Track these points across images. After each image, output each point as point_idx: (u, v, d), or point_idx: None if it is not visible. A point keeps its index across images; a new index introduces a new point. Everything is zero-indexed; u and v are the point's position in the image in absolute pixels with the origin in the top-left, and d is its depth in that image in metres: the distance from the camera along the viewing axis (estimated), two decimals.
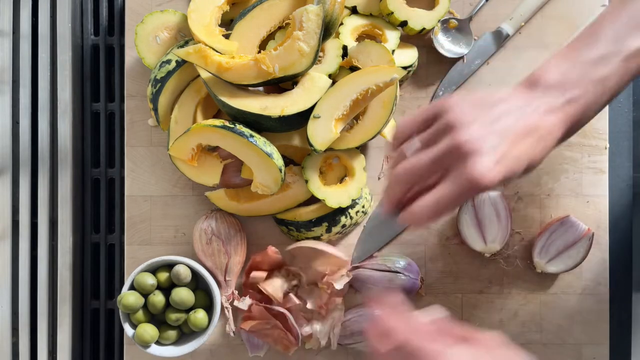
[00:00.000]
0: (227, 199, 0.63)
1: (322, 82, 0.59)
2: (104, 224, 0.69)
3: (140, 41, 0.63)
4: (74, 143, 0.67)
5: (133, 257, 0.66)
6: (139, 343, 0.60)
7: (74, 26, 0.67)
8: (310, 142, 0.59)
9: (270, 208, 0.63)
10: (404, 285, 0.63)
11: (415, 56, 0.64)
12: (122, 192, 0.68)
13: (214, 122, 0.58)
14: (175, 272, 0.61)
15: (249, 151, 0.58)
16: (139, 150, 0.66)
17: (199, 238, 0.63)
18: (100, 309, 0.69)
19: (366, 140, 0.60)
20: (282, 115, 0.57)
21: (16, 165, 0.66)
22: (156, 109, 0.62)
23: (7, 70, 0.66)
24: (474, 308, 0.66)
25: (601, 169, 0.66)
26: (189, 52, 0.57)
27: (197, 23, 0.59)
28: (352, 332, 0.63)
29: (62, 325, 0.66)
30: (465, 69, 0.66)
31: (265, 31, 0.60)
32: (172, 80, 0.61)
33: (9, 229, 0.66)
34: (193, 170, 0.62)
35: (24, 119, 0.66)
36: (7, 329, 0.66)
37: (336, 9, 0.58)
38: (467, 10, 0.66)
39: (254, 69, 0.57)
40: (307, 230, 0.63)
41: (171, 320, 0.61)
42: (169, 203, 0.66)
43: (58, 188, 0.66)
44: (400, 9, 0.62)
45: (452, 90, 0.66)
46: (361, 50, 0.60)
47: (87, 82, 0.69)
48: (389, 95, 0.59)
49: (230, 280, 0.64)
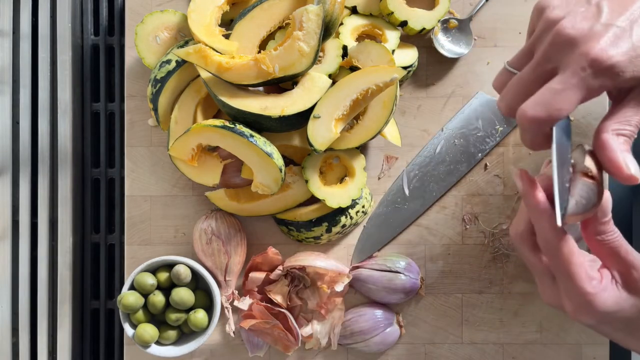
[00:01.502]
0: (227, 199, 0.63)
1: (322, 82, 0.59)
2: (104, 224, 0.69)
3: (140, 41, 0.63)
4: (74, 143, 0.67)
5: (133, 257, 0.66)
6: (139, 343, 0.60)
7: (74, 26, 0.67)
8: (310, 142, 0.59)
9: (270, 208, 0.63)
10: (404, 285, 0.63)
11: (415, 56, 0.64)
12: (122, 192, 0.68)
13: (214, 122, 0.58)
14: (175, 272, 0.61)
15: (249, 151, 0.58)
16: (139, 150, 0.66)
17: (199, 238, 0.63)
18: (100, 309, 0.69)
19: (366, 140, 0.60)
20: (282, 115, 0.57)
21: (16, 165, 0.66)
22: (156, 109, 0.62)
23: (7, 70, 0.66)
24: (474, 308, 0.66)
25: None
26: (189, 52, 0.57)
27: (197, 23, 0.59)
28: (352, 332, 0.63)
29: (62, 325, 0.66)
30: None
31: (265, 31, 0.60)
32: (172, 80, 0.61)
33: (9, 229, 0.66)
34: (193, 170, 0.62)
35: (24, 119, 0.66)
36: (7, 329, 0.66)
37: (336, 9, 0.58)
38: (467, 10, 0.66)
39: (254, 69, 0.57)
40: (307, 230, 0.63)
41: (171, 320, 0.61)
42: (169, 203, 0.66)
43: (58, 188, 0.66)
44: (400, 9, 0.62)
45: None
46: (361, 50, 0.60)
47: (87, 82, 0.69)
48: (389, 95, 0.59)
49: (230, 280, 0.64)
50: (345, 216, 0.63)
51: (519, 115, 0.40)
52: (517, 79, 0.41)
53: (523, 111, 0.39)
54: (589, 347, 0.66)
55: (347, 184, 0.62)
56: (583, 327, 0.65)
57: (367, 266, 0.64)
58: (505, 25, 0.66)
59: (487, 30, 0.66)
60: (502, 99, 0.42)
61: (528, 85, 0.40)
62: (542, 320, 0.66)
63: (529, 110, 0.39)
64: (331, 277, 0.63)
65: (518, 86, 0.41)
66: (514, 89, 0.41)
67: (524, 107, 0.39)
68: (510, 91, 0.42)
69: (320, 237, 0.64)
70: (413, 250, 0.66)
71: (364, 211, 0.64)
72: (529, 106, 0.39)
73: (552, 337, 0.66)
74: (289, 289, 0.64)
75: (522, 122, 0.40)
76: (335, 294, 0.64)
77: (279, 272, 0.63)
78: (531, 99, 0.39)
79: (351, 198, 0.61)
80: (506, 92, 0.42)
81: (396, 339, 0.65)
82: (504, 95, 0.42)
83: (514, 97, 0.41)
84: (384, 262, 0.64)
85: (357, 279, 0.64)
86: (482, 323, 0.66)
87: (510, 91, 0.42)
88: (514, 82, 0.41)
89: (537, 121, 0.39)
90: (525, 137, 0.41)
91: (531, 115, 0.39)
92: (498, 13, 0.66)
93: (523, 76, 0.41)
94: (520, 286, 0.66)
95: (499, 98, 0.43)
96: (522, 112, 0.39)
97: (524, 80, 0.41)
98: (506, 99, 0.42)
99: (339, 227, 0.63)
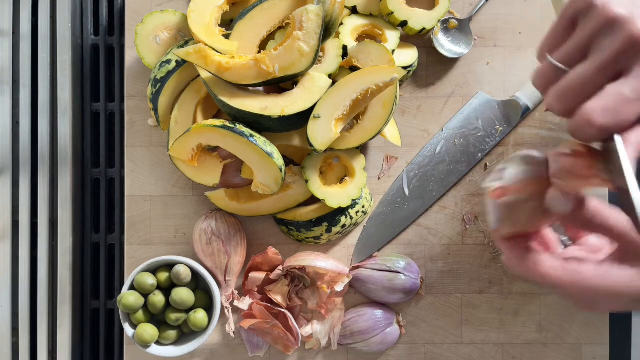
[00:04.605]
0: (227, 199, 0.63)
1: (322, 82, 0.59)
2: (104, 224, 0.69)
3: (140, 41, 0.63)
4: (74, 143, 0.67)
5: (133, 257, 0.66)
6: (139, 343, 0.60)
7: (74, 26, 0.67)
8: (310, 142, 0.59)
9: (270, 208, 0.63)
10: (404, 285, 0.63)
11: (415, 56, 0.64)
12: (122, 192, 0.68)
13: (214, 122, 0.58)
14: (175, 272, 0.61)
15: (249, 151, 0.58)
16: (139, 150, 0.66)
17: (199, 238, 0.63)
18: (100, 309, 0.69)
19: (366, 140, 0.60)
20: (282, 115, 0.57)
21: (16, 165, 0.66)
22: (156, 109, 0.62)
23: (7, 70, 0.66)
24: (474, 308, 0.66)
25: None
26: (189, 52, 0.57)
27: (197, 23, 0.59)
28: (352, 332, 0.63)
29: (62, 325, 0.66)
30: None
31: (265, 31, 0.60)
32: (172, 80, 0.61)
33: (9, 229, 0.66)
34: (193, 170, 0.62)
35: (24, 119, 0.66)
36: (7, 329, 0.66)
37: (336, 9, 0.58)
38: (467, 10, 0.66)
39: (254, 69, 0.57)
40: (307, 230, 0.63)
41: (171, 320, 0.61)
42: (169, 203, 0.66)
43: (58, 188, 0.66)
44: (400, 9, 0.62)
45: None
46: (361, 50, 0.60)
47: (87, 82, 0.69)
48: (389, 95, 0.59)
49: (230, 280, 0.64)
50: (345, 216, 0.63)
51: (584, 121, 0.36)
52: (579, 79, 0.37)
53: (590, 117, 0.35)
54: (589, 347, 0.66)
55: (347, 184, 0.62)
56: (583, 327, 0.66)
57: (367, 266, 0.64)
58: (505, 25, 0.66)
59: (487, 30, 0.66)
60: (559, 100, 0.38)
61: (590, 86, 0.37)
62: (542, 320, 0.66)
63: (598, 117, 0.35)
64: (331, 277, 0.63)
65: (581, 86, 0.37)
66: (576, 88, 0.37)
67: (591, 113, 0.35)
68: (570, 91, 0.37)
69: (320, 237, 0.64)
70: (413, 250, 0.66)
71: (364, 211, 0.64)
72: (598, 113, 0.35)
73: (552, 337, 0.66)
74: (289, 289, 0.64)
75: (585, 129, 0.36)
76: (335, 294, 0.64)
77: (279, 272, 0.63)
78: (598, 104, 0.35)
79: (351, 198, 0.61)
80: (563, 91, 0.38)
81: (396, 339, 0.65)
82: (561, 96, 0.38)
83: (575, 98, 0.37)
84: (384, 262, 0.64)
85: (357, 279, 0.64)
86: (482, 323, 0.66)
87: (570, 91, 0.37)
88: (574, 81, 0.37)
89: (604, 129, 0.35)
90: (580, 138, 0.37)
91: (600, 124, 0.35)
92: (498, 13, 0.66)
93: (585, 75, 0.37)
94: (520, 286, 0.66)
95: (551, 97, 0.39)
96: (588, 118, 0.36)
97: (586, 80, 0.37)
98: (565, 100, 0.38)
99: (339, 227, 0.63)
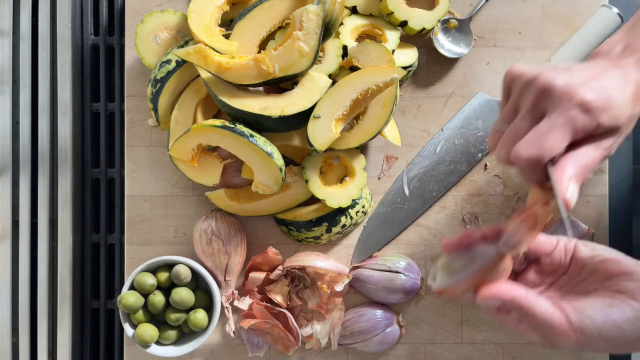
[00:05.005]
0: (227, 199, 0.63)
1: (322, 82, 0.59)
2: (104, 224, 0.69)
3: (140, 41, 0.63)
4: (74, 143, 0.67)
5: (133, 257, 0.66)
6: (139, 343, 0.60)
7: (74, 26, 0.67)
8: (310, 142, 0.59)
9: (270, 208, 0.63)
10: (404, 285, 0.63)
11: (415, 56, 0.64)
12: (122, 192, 0.68)
13: (214, 122, 0.58)
14: (175, 272, 0.61)
15: (249, 151, 0.58)
16: (139, 150, 0.66)
17: (199, 238, 0.63)
18: (100, 309, 0.69)
19: (366, 140, 0.60)
20: (282, 115, 0.57)
21: (16, 165, 0.66)
22: (156, 109, 0.62)
23: (7, 70, 0.66)
24: (474, 308, 0.66)
25: (601, 168, 0.66)
26: (189, 52, 0.57)
27: (197, 23, 0.59)
28: (352, 332, 0.63)
29: (62, 325, 0.66)
30: None
31: (265, 31, 0.60)
32: (172, 80, 0.61)
33: (9, 229, 0.66)
34: (193, 170, 0.62)
35: (24, 119, 0.66)
36: (7, 329, 0.66)
37: (336, 9, 0.58)
38: (467, 10, 0.66)
39: (254, 69, 0.57)
40: (307, 230, 0.63)
41: (171, 320, 0.61)
42: (169, 203, 0.66)
43: (58, 188, 0.66)
44: (400, 9, 0.62)
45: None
46: (361, 50, 0.60)
47: (87, 82, 0.69)
48: (389, 95, 0.59)
49: (230, 280, 0.64)
50: (345, 216, 0.63)
51: (513, 157, 0.43)
52: (510, 130, 0.45)
53: (517, 152, 0.43)
54: None
55: (347, 184, 0.62)
56: None
57: (367, 266, 0.64)
58: (505, 25, 0.66)
59: (487, 30, 0.66)
60: (500, 150, 0.46)
61: (520, 133, 0.44)
62: None
63: (522, 150, 0.42)
64: (331, 277, 0.63)
65: (512, 135, 0.45)
66: (509, 138, 0.45)
67: (517, 149, 0.43)
68: (505, 141, 0.45)
69: (320, 237, 0.64)
70: (413, 250, 0.66)
71: (364, 211, 0.64)
72: (522, 147, 0.43)
73: None
74: (289, 289, 0.64)
75: (517, 162, 0.43)
76: (335, 294, 0.64)
77: (279, 272, 0.63)
78: (522, 141, 0.43)
79: (351, 198, 0.61)
80: (502, 143, 0.46)
81: (396, 339, 0.65)
82: (500, 147, 0.46)
83: (509, 146, 0.45)
84: (384, 262, 0.64)
85: (357, 279, 0.64)
86: (482, 323, 0.66)
87: (505, 141, 0.45)
88: (508, 133, 0.45)
89: (530, 160, 0.42)
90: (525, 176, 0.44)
91: (525, 155, 0.42)
92: (498, 13, 0.66)
93: (515, 126, 0.45)
94: None
95: (496, 152, 0.47)
96: (516, 153, 0.43)
97: (516, 129, 0.44)
98: (503, 149, 0.45)
99: (339, 227, 0.63)
